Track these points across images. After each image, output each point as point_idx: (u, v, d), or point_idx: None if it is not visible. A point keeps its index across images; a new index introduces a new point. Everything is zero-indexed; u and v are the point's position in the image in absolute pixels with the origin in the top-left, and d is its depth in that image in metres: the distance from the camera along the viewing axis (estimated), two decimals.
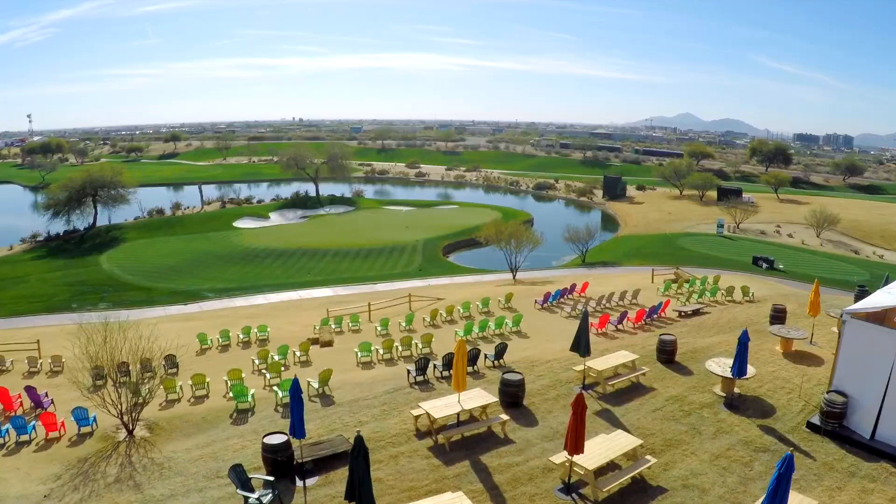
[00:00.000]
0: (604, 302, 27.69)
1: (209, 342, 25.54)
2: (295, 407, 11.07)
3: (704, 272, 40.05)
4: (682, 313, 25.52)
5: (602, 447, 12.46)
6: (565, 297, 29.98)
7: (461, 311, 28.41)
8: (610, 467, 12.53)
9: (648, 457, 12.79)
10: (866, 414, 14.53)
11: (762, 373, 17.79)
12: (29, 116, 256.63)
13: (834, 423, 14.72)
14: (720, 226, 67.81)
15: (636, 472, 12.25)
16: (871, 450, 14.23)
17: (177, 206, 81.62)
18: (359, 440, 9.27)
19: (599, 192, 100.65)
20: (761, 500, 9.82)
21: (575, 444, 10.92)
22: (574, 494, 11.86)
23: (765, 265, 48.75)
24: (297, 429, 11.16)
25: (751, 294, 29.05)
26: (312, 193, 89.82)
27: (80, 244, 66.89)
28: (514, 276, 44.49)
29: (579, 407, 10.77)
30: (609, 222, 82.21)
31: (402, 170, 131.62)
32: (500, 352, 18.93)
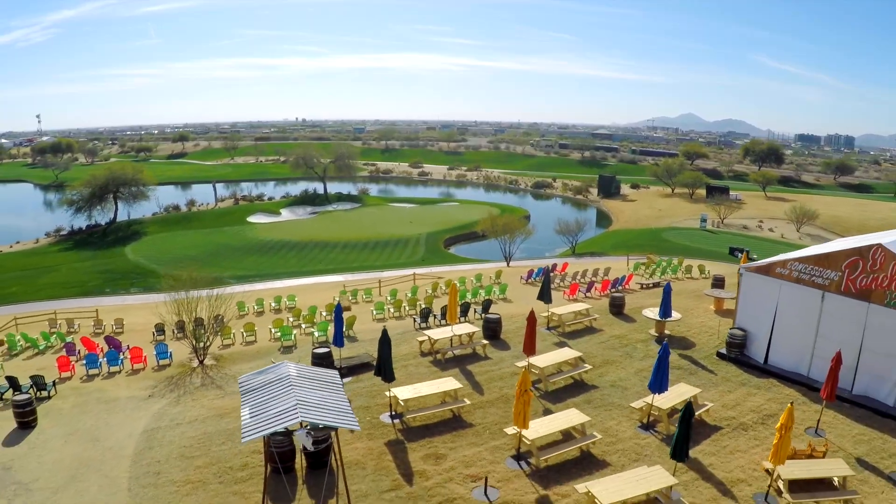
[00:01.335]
0: (578, 277, 32.46)
1: (246, 309, 30.39)
2: (337, 323, 15.89)
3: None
4: (644, 285, 30.26)
5: (552, 356, 17.36)
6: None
7: (458, 284, 33.15)
8: (558, 372, 17.33)
9: (586, 364, 17.63)
10: (760, 344, 19.28)
11: (692, 322, 22.58)
12: (38, 117, 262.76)
13: (736, 352, 19.47)
14: (703, 220, 72.24)
15: (576, 373, 17.12)
16: (763, 371, 18.96)
17: (192, 203, 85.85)
18: (385, 332, 14.09)
19: (595, 191, 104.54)
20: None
21: (530, 346, 15.70)
22: (532, 388, 16.62)
23: (739, 255, 52.95)
24: (338, 339, 15.97)
25: (707, 272, 33.78)
26: (320, 191, 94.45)
27: (103, 237, 71.33)
28: (507, 264, 49.12)
29: (532, 319, 15.57)
30: (603, 219, 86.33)
31: (406, 169, 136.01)
32: (486, 307, 23.76)
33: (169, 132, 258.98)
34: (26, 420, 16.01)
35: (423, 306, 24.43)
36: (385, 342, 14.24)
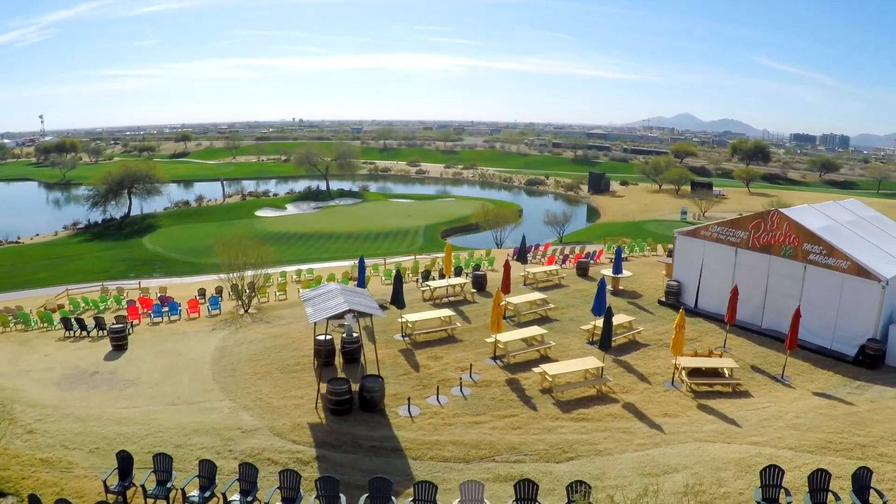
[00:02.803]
0: (556, 253, 37.52)
1: (271, 281, 35.26)
2: (361, 270, 20.89)
3: None
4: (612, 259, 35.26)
5: (523, 297, 22.42)
6: (530, 252, 39.76)
7: (454, 262, 38.20)
8: (529, 310, 22.37)
9: (550, 304, 22.67)
10: (691, 292, 24.30)
11: (643, 282, 27.63)
12: (41, 117, 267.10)
13: (673, 299, 24.49)
14: (684, 213, 77.39)
15: (542, 309, 22.14)
16: (694, 312, 23.91)
17: (200, 199, 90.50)
18: (398, 271, 19.02)
19: (585, 187, 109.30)
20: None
21: (505, 286, 20.69)
22: (507, 320, 21.67)
23: None
24: (361, 283, 20.98)
25: (668, 250, 38.81)
26: (323, 188, 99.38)
27: (119, 230, 75.93)
28: (499, 248, 54.16)
29: (507, 265, 20.55)
30: (592, 214, 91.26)
31: (404, 168, 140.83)
32: (476, 268, 28.80)
33: (168, 132, 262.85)
34: (120, 343, 20.91)
35: (424, 270, 29.48)
36: (398, 278, 19.27)
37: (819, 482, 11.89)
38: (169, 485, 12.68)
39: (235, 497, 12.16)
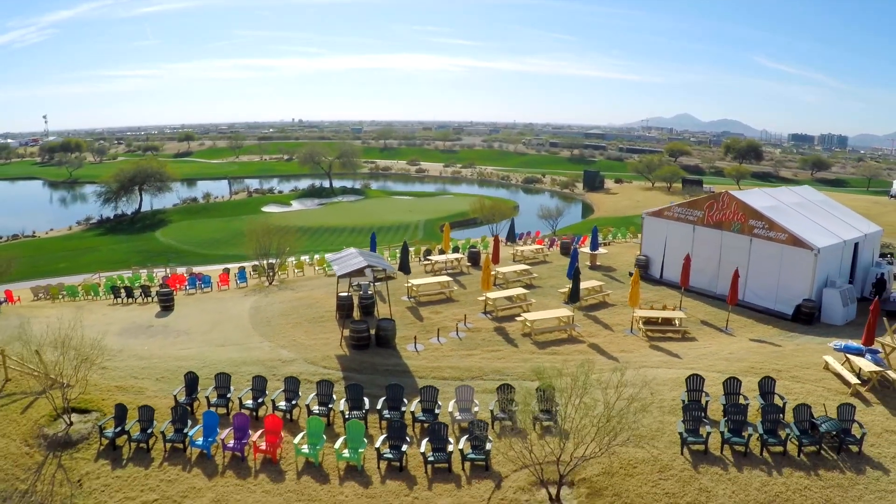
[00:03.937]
0: (545, 239, 41.25)
1: (286, 263, 38.90)
2: (372, 243, 24.61)
3: None
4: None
5: (511, 268, 26.16)
6: (521, 238, 43.53)
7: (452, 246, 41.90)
8: (516, 277, 26.10)
9: (535, 273, 26.40)
10: (657, 266, 27.99)
11: (620, 259, 31.36)
12: (45, 117, 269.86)
13: (641, 272, 28.07)
14: None
15: (527, 278, 25.91)
16: (659, 282, 27.60)
17: (208, 196, 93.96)
18: (405, 243, 22.74)
19: (581, 185, 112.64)
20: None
21: (495, 257, 24.41)
22: (496, 286, 25.39)
23: None
24: (373, 251, 24.71)
25: None
26: (326, 186, 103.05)
27: (131, 225, 79.30)
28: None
29: (496, 240, 24.27)
30: (587, 210, 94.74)
31: (404, 167, 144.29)
32: (473, 247, 32.53)
33: (168, 132, 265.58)
34: (168, 304, 24.59)
35: (426, 249, 33.27)
36: (405, 249, 23.02)
37: (731, 387, 15.60)
38: (228, 395, 16.34)
39: (282, 404, 15.82)
